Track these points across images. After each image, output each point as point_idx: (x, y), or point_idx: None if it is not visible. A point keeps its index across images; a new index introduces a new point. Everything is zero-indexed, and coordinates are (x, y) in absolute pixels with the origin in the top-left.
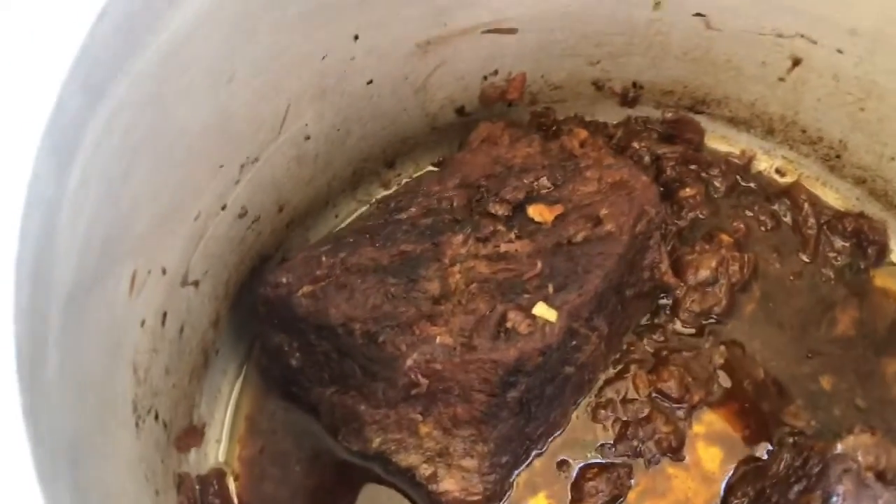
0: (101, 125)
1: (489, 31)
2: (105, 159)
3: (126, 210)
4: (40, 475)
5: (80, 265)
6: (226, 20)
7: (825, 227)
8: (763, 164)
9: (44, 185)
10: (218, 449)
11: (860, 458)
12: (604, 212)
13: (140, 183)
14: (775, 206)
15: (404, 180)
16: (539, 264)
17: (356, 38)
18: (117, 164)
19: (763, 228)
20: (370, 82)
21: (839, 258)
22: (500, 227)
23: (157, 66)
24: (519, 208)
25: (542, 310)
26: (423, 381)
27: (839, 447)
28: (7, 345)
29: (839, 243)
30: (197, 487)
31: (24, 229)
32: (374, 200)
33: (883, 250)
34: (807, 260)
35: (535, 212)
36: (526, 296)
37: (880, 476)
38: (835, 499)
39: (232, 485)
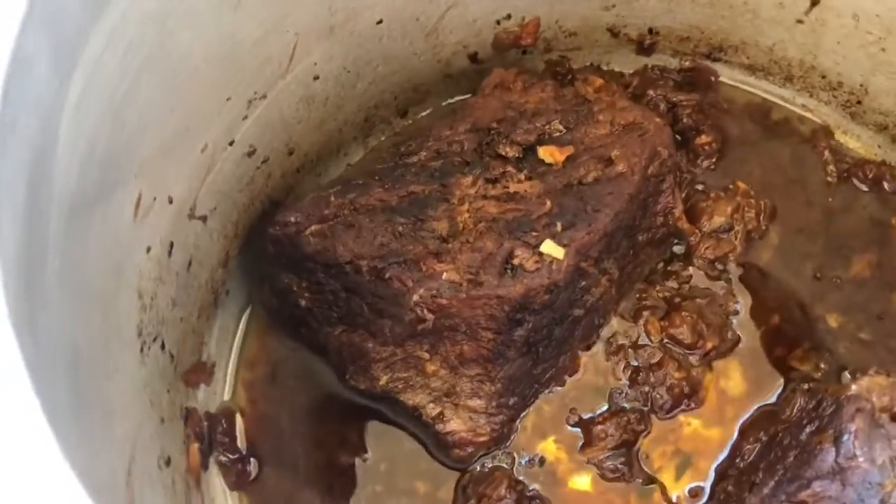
0: (102, 41)
1: None
2: (107, 75)
3: (130, 131)
4: (35, 376)
5: (81, 178)
6: None
7: (846, 175)
8: (783, 111)
9: (44, 91)
10: (225, 387)
11: (874, 399)
12: (615, 153)
13: (143, 104)
14: (795, 153)
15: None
16: (548, 203)
17: None
18: (119, 81)
19: (782, 175)
20: (380, 22)
21: (860, 206)
22: (510, 168)
23: None
24: (530, 150)
25: (549, 247)
26: (430, 316)
27: (853, 388)
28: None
29: (861, 190)
30: (205, 423)
31: (13, 122)
32: (384, 138)
33: None
34: (826, 208)
35: (546, 153)
36: (534, 234)
37: (895, 418)
38: (846, 437)
39: (239, 421)
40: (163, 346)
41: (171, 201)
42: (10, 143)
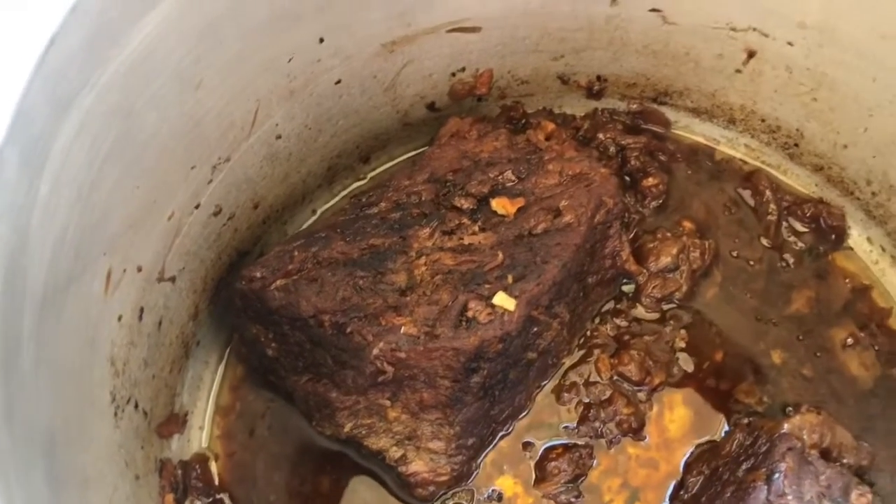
0: (69, 135)
1: (453, 30)
2: (75, 167)
3: (98, 213)
4: (12, 465)
5: (53, 266)
6: (190, 30)
7: (786, 213)
8: (726, 152)
9: (13, 194)
10: (201, 435)
11: (805, 437)
12: (563, 203)
13: (111, 187)
14: (738, 193)
15: (378, 173)
16: (500, 255)
17: (321, 40)
18: (87, 171)
19: (726, 214)
20: (338, 82)
21: (799, 243)
22: (465, 220)
23: (123, 78)
24: (483, 201)
25: (501, 299)
26: (389, 368)
27: (785, 426)
28: None
29: (799, 228)
30: (179, 471)
31: None
32: (346, 194)
33: (841, 235)
34: (768, 245)
35: (499, 205)
36: (487, 286)
37: (824, 453)
38: (777, 475)
39: (214, 467)
40: (136, 406)
41: (139, 269)
42: None
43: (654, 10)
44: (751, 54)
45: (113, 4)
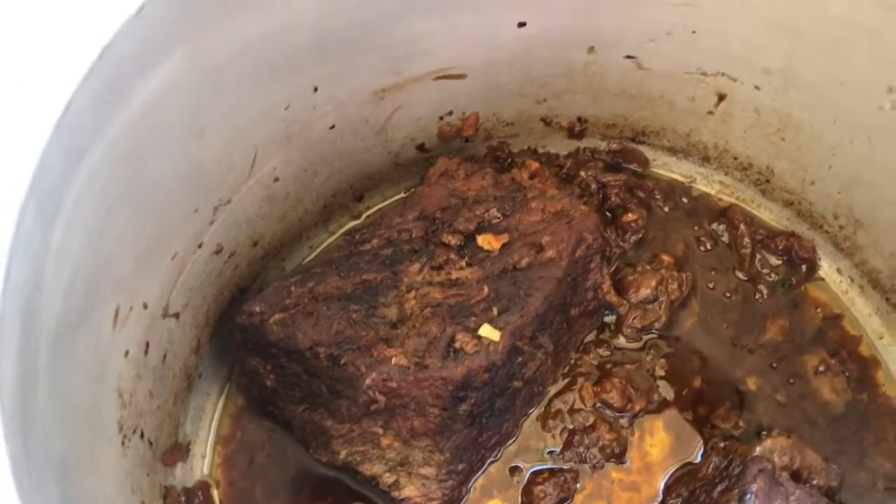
0: (80, 185)
1: (440, 78)
2: (86, 213)
3: (107, 255)
4: (26, 484)
5: (65, 306)
6: (193, 83)
7: (760, 246)
8: (702, 189)
9: (29, 240)
10: (203, 463)
11: (776, 459)
12: (546, 239)
13: (119, 231)
14: (714, 227)
15: (372, 210)
16: (486, 289)
17: (315, 89)
18: (97, 216)
19: (702, 248)
20: (332, 127)
21: (772, 274)
22: (453, 256)
23: (130, 129)
24: (470, 238)
25: (486, 331)
26: (381, 398)
27: (757, 450)
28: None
29: (772, 261)
30: (183, 498)
31: (9, 280)
32: (342, 231)
33: (812, 266)
34: (742, 277)
35: (484, 241)
36: (473, 318)
37: (795, 475)
38: (748, 496)
39: (216, 495)
40: (142, 436)
41: (145, 307)
42: (7, 293)
43: (628, 56)
44: (721, 97)
45: (123, 64)
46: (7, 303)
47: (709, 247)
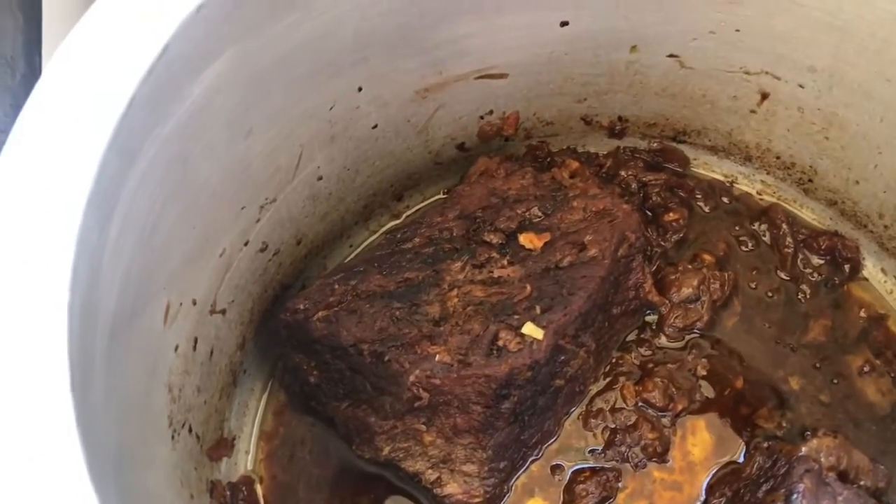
0: (134, 183)
1: (481, 77)
2: (139, 211)
3: (158, 252)
4: (93, 478)
5: (120, 300)
6: (241, 84)
7: (802, 246)
8: (743, 188)
9: (89, 237)
10: (247, 458)
11: (822, 459)
12: (588, 238)
13: (170, 228)
14: (755, 227)
15: (412, 210)
16: (528, 288)
17: (360, 89)
18: (149, 214)
19: (744, 248)
20: (375, 127)
21: (815, 274)
22: (495, 254)
23: (181, 129)
24: (511, 236)
25: (529, 329)
26: (425, 394)
27: (803, 450)
28: (62, 371)
29: (815, 260)
30: (228, 493)
31: (75, 275)
32: (382, 231)
33: (856, 266)
34: (785, 277)
35: (526, 239)
36: (516, 316)
37: (842, 475)
38: (795, 496)
39: (259, 490)
40: (190, 430)
41: (194, 303)
42: (74, 289)
43: (671, 55)
44: (764, 96)
45: (179, 63)
46: (74, 298)
47: (750, 246)
